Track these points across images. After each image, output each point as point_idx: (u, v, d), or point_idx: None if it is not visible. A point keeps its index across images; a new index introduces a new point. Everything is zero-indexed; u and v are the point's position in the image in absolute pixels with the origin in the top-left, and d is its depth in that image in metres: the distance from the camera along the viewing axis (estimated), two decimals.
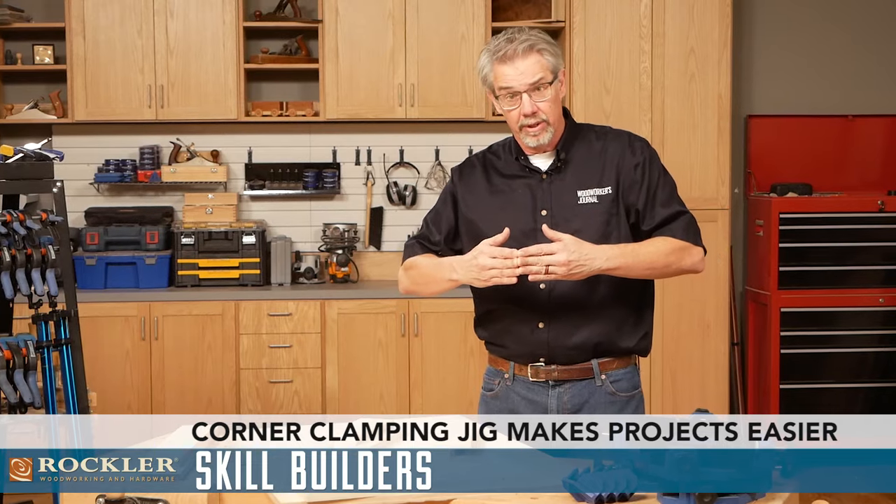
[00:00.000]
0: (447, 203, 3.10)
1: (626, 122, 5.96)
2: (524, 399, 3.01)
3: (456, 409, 5.73)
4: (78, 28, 6.06)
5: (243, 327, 5.91)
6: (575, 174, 2.97)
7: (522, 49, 2.87)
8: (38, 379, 3.90)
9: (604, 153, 2.99)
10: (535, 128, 2.91)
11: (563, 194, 2.96)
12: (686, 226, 2.95)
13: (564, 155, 2.98)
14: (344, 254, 6.28)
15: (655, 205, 2.95)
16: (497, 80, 2.91)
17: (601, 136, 3.04)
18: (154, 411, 5.87)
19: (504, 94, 2.91)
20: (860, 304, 6.16)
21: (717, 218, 6.09)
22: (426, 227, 3.13)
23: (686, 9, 6.10)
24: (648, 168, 2.97)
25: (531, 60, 2.88)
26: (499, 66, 2.90)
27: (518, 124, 2.93)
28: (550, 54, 2.91)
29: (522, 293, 2.92)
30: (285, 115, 6.29)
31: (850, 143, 6.65)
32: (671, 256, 2.90)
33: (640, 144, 3.01)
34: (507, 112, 2.94)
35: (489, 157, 3.10)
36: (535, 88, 2.88)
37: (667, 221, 2.94)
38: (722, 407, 6.10)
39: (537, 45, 2.89)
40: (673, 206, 2.96)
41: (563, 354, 2.96)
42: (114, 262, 6.06)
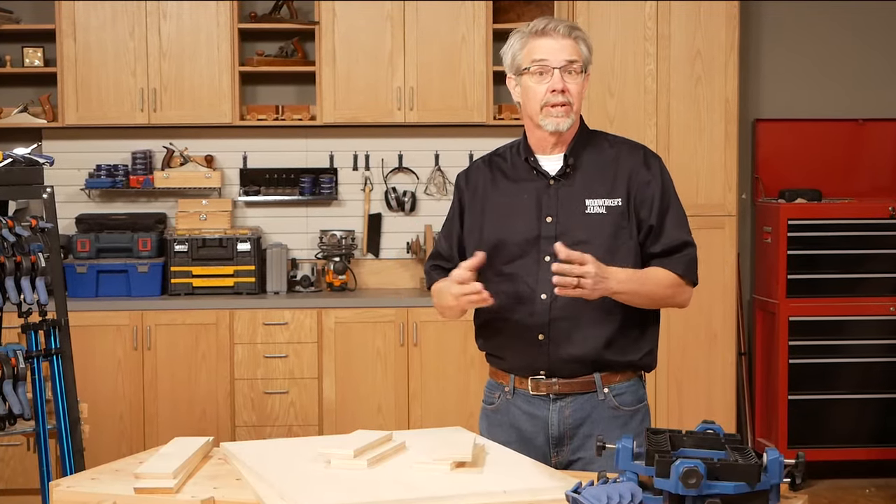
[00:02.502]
0: (455, 213, 3.11)
1: (631, 126, 5.97)
2: (525, 413, 2.99)
3: (456, 420, 5.72)
4: (68, 30, 6.07)
5: (238, 337, 5.91)
6: (584, 181, 2.96)
7: (563, 28, 2.92)
8: (27, 390, 3.90)
9: (616, 163, 2.98)
10: (560, 108, 2.91)
11: (570, 201, 2.94)
12: (689, 261, 2.97)
13: (573, 160, 2.97)
14: (341, 261, 6.29)
15: (666, 227, 2.95)
16: (530, 54, 2.92)
17: (615, 144, 3.04)
18: (146, 423, 5.87)
19: (535, 69, 2.91)
20: (870, 312, 6.17)
21: (723, 224, 6.09)
22: (439, 241, 3.16)
23: (692, 11, 6.11)
24: (662, 188, 2.97)
25: (570, 41, 2.92)
26: (535, 39, 2.91)
27: (542, 103, 2.92)
28: (586, 46, 2.96)
29: (523, 304, 2.92)
30: (281, 118, 6.30)
31: (861, 148, 6.66)
32: (669, 290, 2.95)
33: (656, 162, 3.01)
34: (533, 89, 2.92)
35: (495, 160, 3.10)
36: (568, 69, 2.91)
37: (673, 250, 2.95)
38: (729, 418, 6.10)
39: (576, 32, 2.95)
40: (683, 233, 2.97)
41: (564, 367, 2.94)
42: (105, 270, 6.06)
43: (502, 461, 2.60)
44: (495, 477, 2.46)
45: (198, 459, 2.65)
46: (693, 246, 2.98)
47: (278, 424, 5.92)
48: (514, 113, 6.26)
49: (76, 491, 2.47)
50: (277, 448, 2.74)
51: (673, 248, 2.95)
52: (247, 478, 2.52)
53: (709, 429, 2.34)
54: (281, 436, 5.81)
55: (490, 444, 2.75)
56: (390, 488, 2.37)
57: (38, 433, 3.95)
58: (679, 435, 2.30)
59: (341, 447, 2.54)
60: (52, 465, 4.04)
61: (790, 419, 6.15)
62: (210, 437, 2.83)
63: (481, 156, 3.17)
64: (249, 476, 2.51)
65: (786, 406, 6.15)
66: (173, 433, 5.10)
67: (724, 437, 2.29)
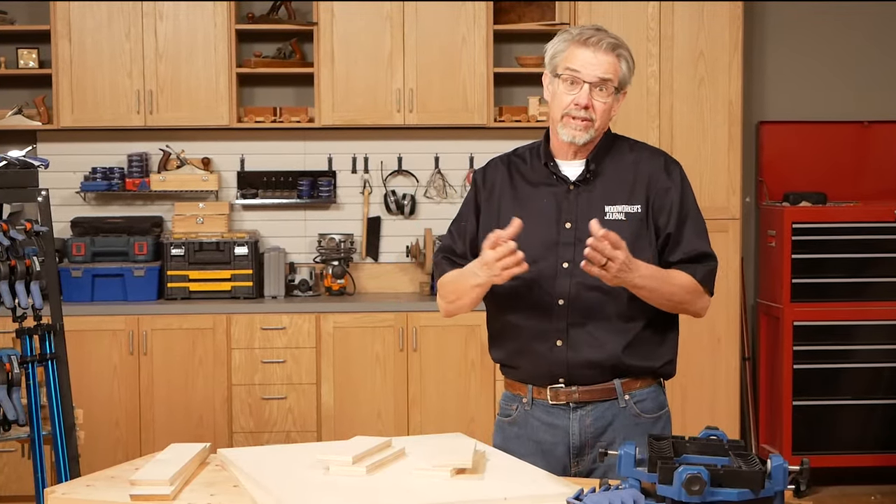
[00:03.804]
0: (470, 210, 3.08)
1: (633, 128, 5.96)
2: (544, 424, 2.96)
3: (456, 427, 5.73)
4: (63, 31, 6.08)
5: (235, 342, 5.91)
6: (604, 187, 2.95)
7: (608, 44, 2.90)
8: (22, 395, 3.91)
9: (635, 168, 2.98)
10: (579, 122, 2.90)
11: (589, 208, 2.93)
12: (710, 272, 2.96)
13: (595, 166, 2.96)
14: (340, 265, 6.29)
15: (685, 235, 2.95)
16: (567, 60, 2.90)
17: (634, 149, 3.04)
18: (143, 429, 5.87)
19: (567, 77, 2.90)
20: (876, 317, 6.17)
21: (727, 228, 6.09)
22: (450, 238, 3.11)
23: (695, 10, 6.12)
24: (682, 195, 2.98)
25: (610, 59, 2.90)
26: (578, 47, 2.90)
27: (564, 111, 2.91)
28: (627, 66, 2.94)
29: (539, 308, 2.90)
30: (279, 121, 6.30)
31: (866, 151, 6.66)
32: (688, 296, 2.93)
33: (676, 169, 3.01)
34: (561, 95, 2.92)
35: (514, 161, 3.08)
36: (599, 86, 2.89)
37: (693, 259, 2.94)
38: (733, 424, 6.10)
39: (619, 49, 2.92)
40: (703, 244, 2.96)
41: (583, 374, 2.92)
42: (101, 274, 6.06)
43: (503, 467, 2.60)
44: (496, 483, 2.46)
45: (194, 466, 2.65)
46: (714, 259, 2.98)
47: (276, 430, 5.92)
48: (514, 115, 6.26)
49: (71, 498, 2.47)
50: (275, 454, 2.74)
51: (692, 257, 2.94)
52: (244, 484, 2.52)
53: (712, 435, 2.33)
54: (279, 442, 5.81)
55: (491, 451, 2.75)
56: (389, 495, 2.37)
57: (33, 439, 3.95)
58: (682, 441, 2.30)
59: (340, 453, 2.54)
60: (46, 472, 4.05)
61: (795, 425, 6.14)
62: (207, 443, 2.82)
63: (499, 154, 3.14)
64: (247, 483, 2.51)
65: (790, 412, 6.14)
66: (170, 439, 5.09)
67: (727, 443, 2.29)
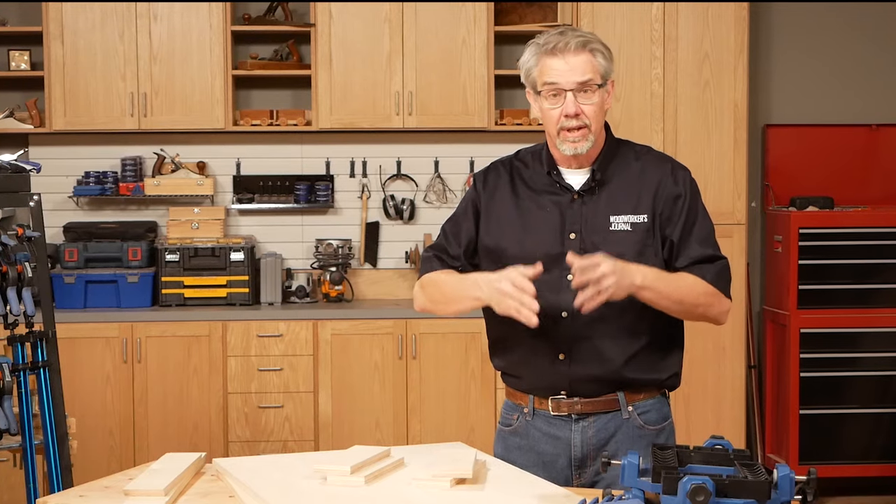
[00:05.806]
0: (468, 213, 3.02)
1: (637, 131, 5.97)
2: (545, 435, 2.94)
3: (456, 436, 5.73)
4: (56, 32, 6.09)
5: (231, 349, 5.91)
6: (609, 197, 2.91)
7: (575, 45, 2.82)
8: (13, 404, 3.91)
9: (642, 176, 2.94)
10: (576, 133, 2.85)
11: (594, 218, 2.90)
12: (720, 272, 2.90)
13: (600, 175, 2.92)
14: (338, 271, 6.29)
15: (691, 242, 2.90)
16: (542, 75, 2.85)
17: (640, 155, 2.99)
18: (137, 438, 5.87)
19: (548, 91, 2.84)
20: (884, 324, 6.17)
21: (732, 233, 6.09)
22: (444, 238, 3.05)
23: (700, 12, 6.12)
24: (689, 202, 2.93)
25: (582, 58, 2.83)
26: (547, 58, 2.83)
27: (557, 126, 2.86)
28: (603, 57, 2.87)
29: (544, 322, 2.79)
30: (276, 124, 6.31)
31: (874, 154, 6.67)
32: (702, 298, 2.86)
33: (683, 175, 2.98)
34: (548, 112, 2.86)
35: (516, 165, 3.03)
36: (581, 89, 2.83)
37: (701, 261, 2.89)
38: (738, 433, 6.10)
39: (591, 44, 2.85)
40: (709, 247, 2.92)
41: (585, 387, 2.90)
42: (94, 280, 6.06)
43: (504, 477, 2.60)
44: (497, 494, 2.46)
45: (189, 476, 2.66)
46: (724, 258, 2.93)
47: (273, 440, 5.92)
48: (515, 118, 6.26)
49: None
50: (272, 464, 2.74)
51: (702, 259, 2.90)
52: (240, 495, 2.52)
53: (717, 444, 2.34)
54: (276, 451, 5.81)
55: (491, 460, 2.75)
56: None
57: (25, 448, 3.95)
58: (686, 451, 2.30)
59: (338, 463, 2.54)
60: (39, 482, 4.05)
61: (801, 434, 6.15)
62: (202, 452, 2.83)
63: (501, 158, 3.10)
64: (243, 493, 2.51)
65: (797, 421, 6.15)
66: (164, 449, 5.11)
67: (733, 452, 2.29)
